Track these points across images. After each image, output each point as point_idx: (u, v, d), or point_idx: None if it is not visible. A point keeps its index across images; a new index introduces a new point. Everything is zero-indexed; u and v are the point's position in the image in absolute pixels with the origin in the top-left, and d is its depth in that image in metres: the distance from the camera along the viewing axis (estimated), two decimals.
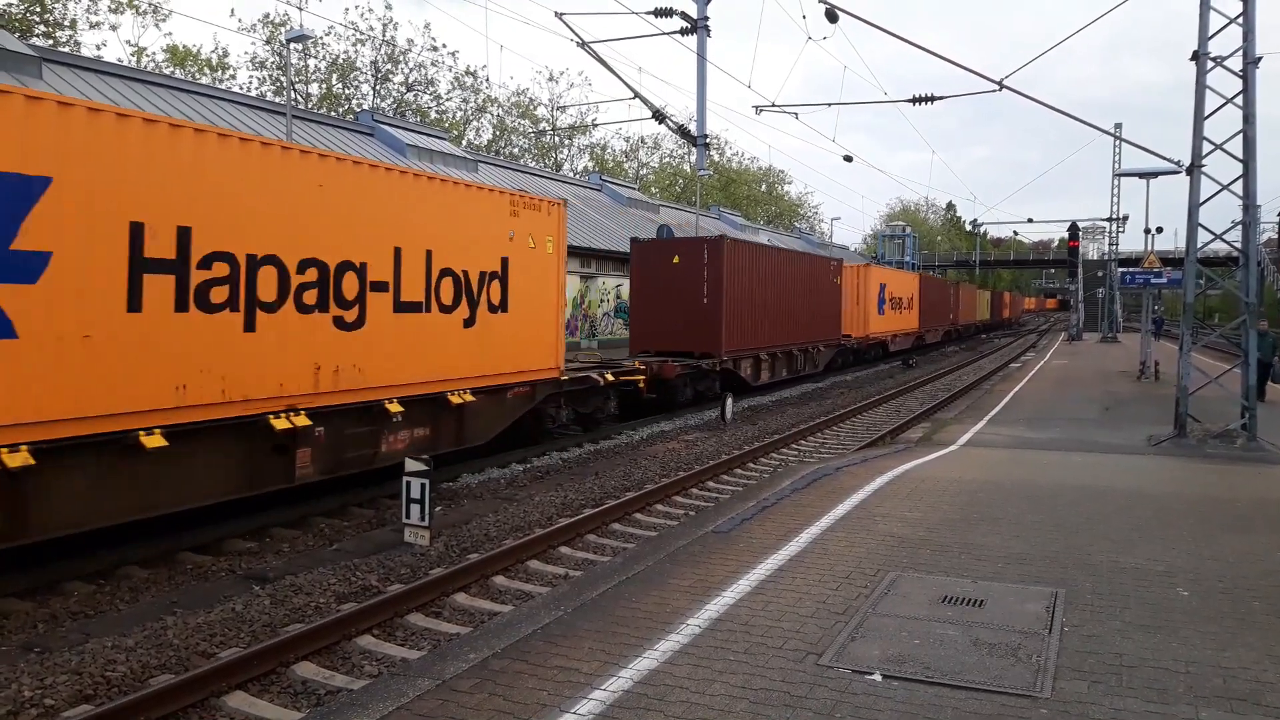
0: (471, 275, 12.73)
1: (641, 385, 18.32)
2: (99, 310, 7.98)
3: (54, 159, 7.61)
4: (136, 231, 8.26)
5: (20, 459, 7.30)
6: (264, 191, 9.59)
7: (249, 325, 9.42)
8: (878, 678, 5.18)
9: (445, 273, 12.22)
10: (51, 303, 7.60)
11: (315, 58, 47.69)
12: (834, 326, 31.03)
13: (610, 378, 17.02)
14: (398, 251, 11.41)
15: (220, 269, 9.09)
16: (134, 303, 8.26)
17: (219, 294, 9.09)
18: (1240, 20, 14.22)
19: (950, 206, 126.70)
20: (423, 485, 9.39)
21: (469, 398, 12.61)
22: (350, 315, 10.72)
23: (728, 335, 22.06)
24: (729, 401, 19.54)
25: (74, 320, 7.77)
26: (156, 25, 42.88)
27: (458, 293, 12.48)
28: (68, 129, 7.74)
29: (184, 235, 8.69)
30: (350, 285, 10.71)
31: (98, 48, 58.52)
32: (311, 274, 10.19)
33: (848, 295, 32.86)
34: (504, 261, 13.40)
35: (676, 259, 22.30)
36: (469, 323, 12.69)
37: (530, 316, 13.96)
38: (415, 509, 9.48)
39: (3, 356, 7.29)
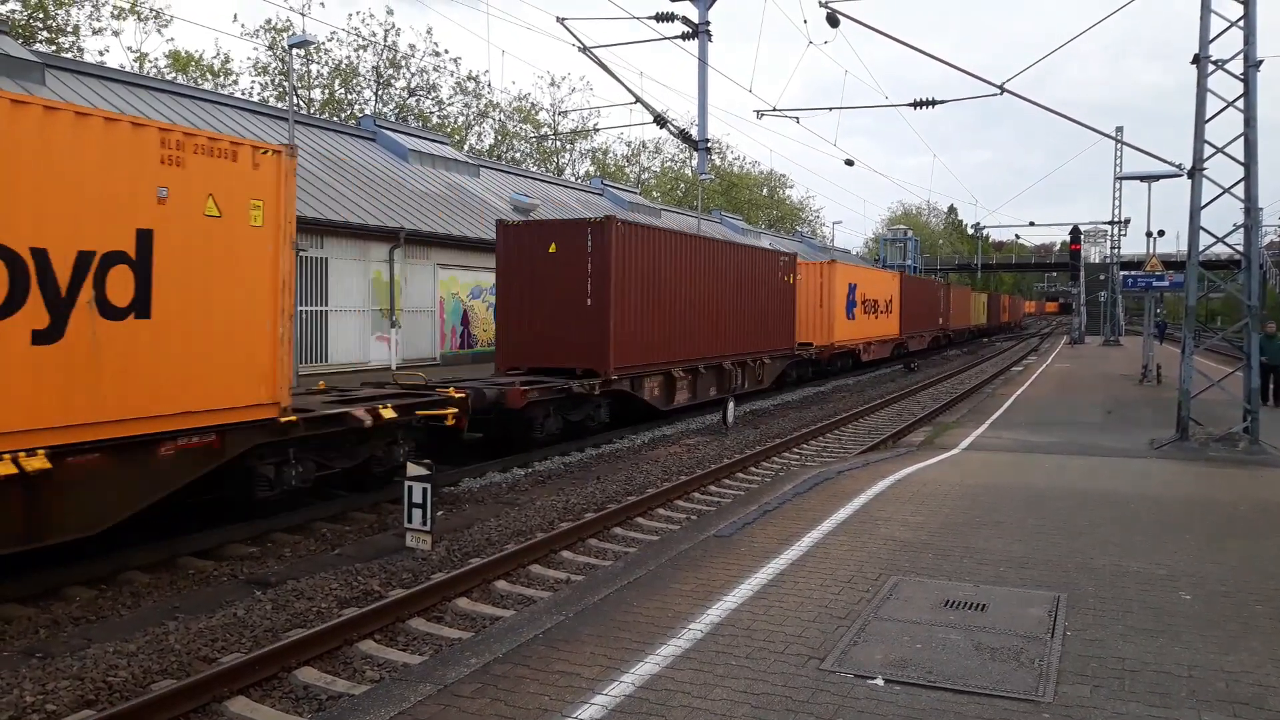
0: (59, 258, 7.82)
1: (451, 421, 12.65)
2: None
3: None
4: None
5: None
6: None
7: None
8: (880, 682, 5.18)
9: None
10: None
11: (317, 63, 47.83)
12: (786, 334, 26.16)
13: (387, 413, 11.30)
14: None
15: None
16: None
17: None
18: (1241, 23, 14.22)
19: (952, 210, 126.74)
20: (424, 490, 9.39)
21: (43, 464, 7.54)
22: None
23: (618, 347, 17.08)
24: (730, 406, 19.53)
25: None
26: (159, 31, 43.10)
27: (16, 287, 7.52)
28: None
29: None
30: None
31: (100, 54, 58.74)
32: None
33: (806, 297, 28.70)
34: (143, 237, 8.51)
35: (553, 247, 17.12)
36: (48, 336, 7.76)
37: (207, 325, 9.13)
38: (417, 514, 9.48)
39: None
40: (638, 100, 19.95)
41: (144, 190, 8.53)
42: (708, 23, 19.85)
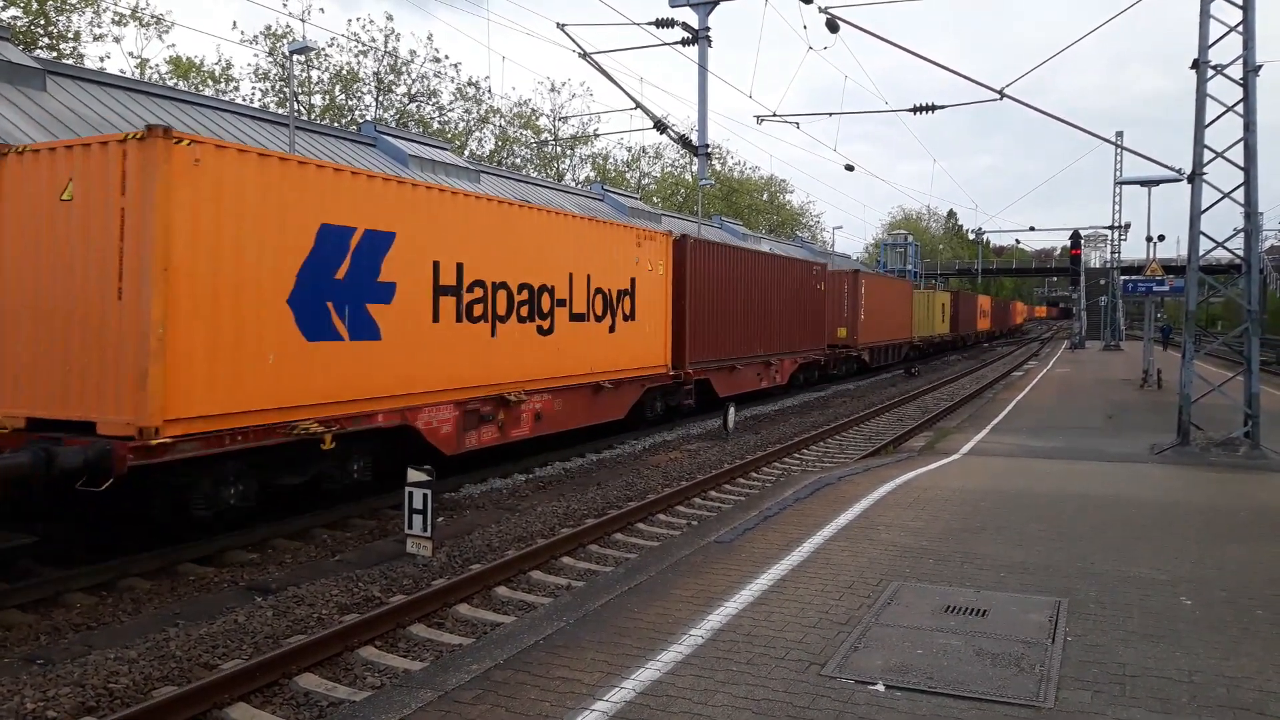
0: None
1: None
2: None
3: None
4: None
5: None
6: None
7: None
8: (881, 688, 5.17)
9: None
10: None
11: (318, 69, 47.93)
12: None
13: None
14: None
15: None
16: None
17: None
18: (1240, 28, 14.25)
19: (951, 215, 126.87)
20: (425, 496, 9.39)
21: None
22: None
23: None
24: (731, 411, 19.52)
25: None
26: (160, 37, 43.18)
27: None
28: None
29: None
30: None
31: (101, 60, 58.83)
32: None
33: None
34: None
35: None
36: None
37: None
38: (418, 520, 9.47)
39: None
40: (638, 106, 20.00)
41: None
42: (707, 29, 19.90)
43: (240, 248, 9.26)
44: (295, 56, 30.10)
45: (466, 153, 51.44)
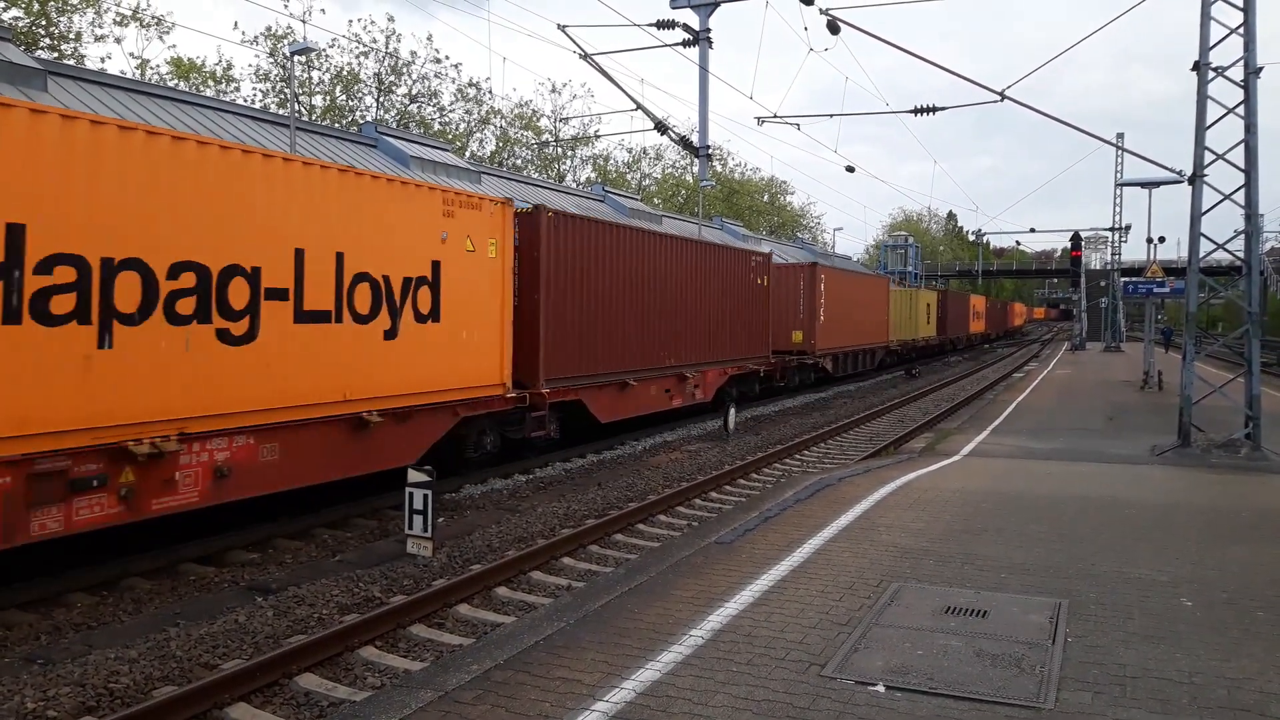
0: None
1: None
2: None
3: None
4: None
5: None
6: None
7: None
8: (881, 689, 5.17)
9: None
10: None
11: (319, 70, 47.95)
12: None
13: None
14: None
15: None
16: None
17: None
18: (1241, 30, 14.26)
19: (951, 216, 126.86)
20: (425, 496, 9.39)
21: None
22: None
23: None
24: (732, 412, 19.52)
25: None
26: (160, 38, 43.17)
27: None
28: None
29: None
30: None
31: (102, 60, 58.90)
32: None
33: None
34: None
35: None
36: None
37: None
38: (418, 520, 9.48)
39: None
40: (639, 107, 20.01)
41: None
42: (708, 30, 19.91)
43: None
44: (296, 57, 30.11)
45: (468, 154, 51.45)
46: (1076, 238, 49.62)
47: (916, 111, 18.88)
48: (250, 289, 9.44)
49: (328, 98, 48.90)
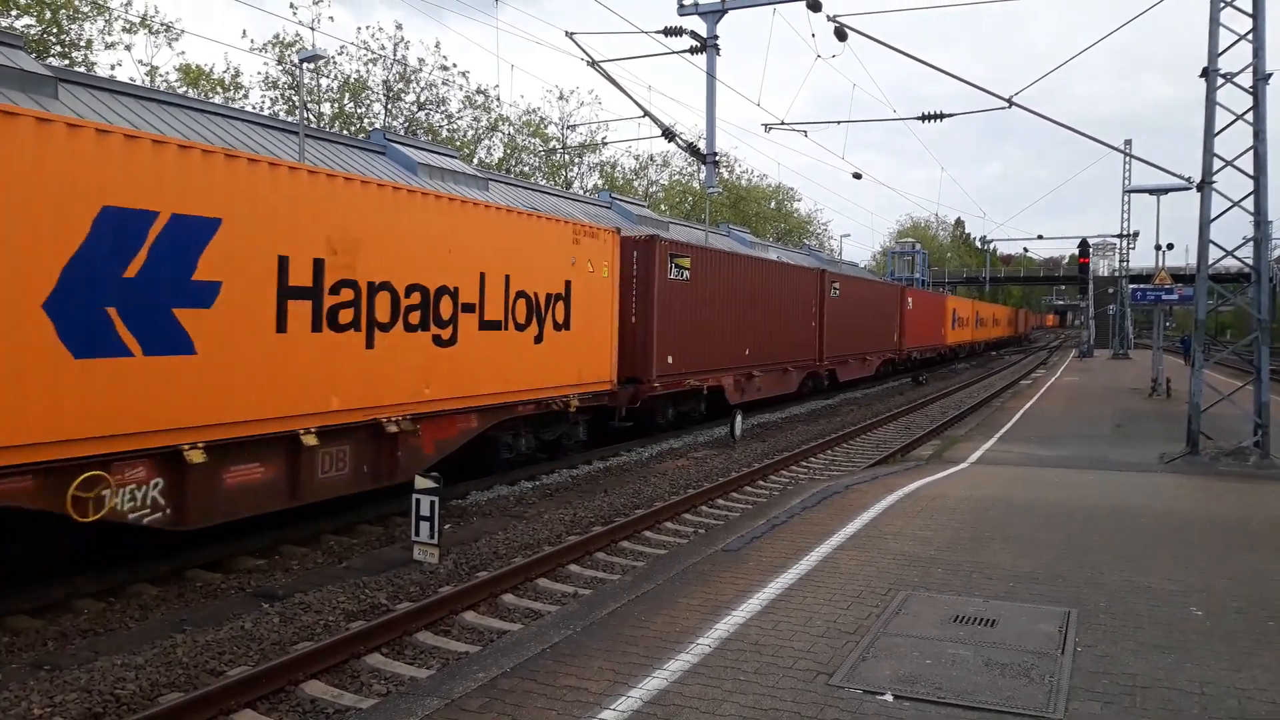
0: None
1: None
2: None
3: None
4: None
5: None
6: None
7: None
8: (889, 698, 5.15)
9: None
10: None
11: (327, 77, 48.14)
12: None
13: None
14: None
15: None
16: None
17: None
18: (1250, 37, 14.22)
19: (959, 223, 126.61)
20: (432, 503, 9.38)
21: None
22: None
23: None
24: (738, 419, 19.50)
25: None
26: (169, 45, 43.36)
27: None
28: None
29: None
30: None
31: (112, 68, 59.25)
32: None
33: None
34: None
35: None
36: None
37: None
38: (424, 526, 9.47)
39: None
40: (646, 114, 20.01)
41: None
42: (716, 37, 19.90)
43: None
44: (305, 65, 30.22)
45: (475, 161, 51.58)
46: (1084, 244, 49.52)
47: (924, 118, 18.85)
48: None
49: (336, 105, 49.08)
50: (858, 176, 32.04)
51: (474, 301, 12.37)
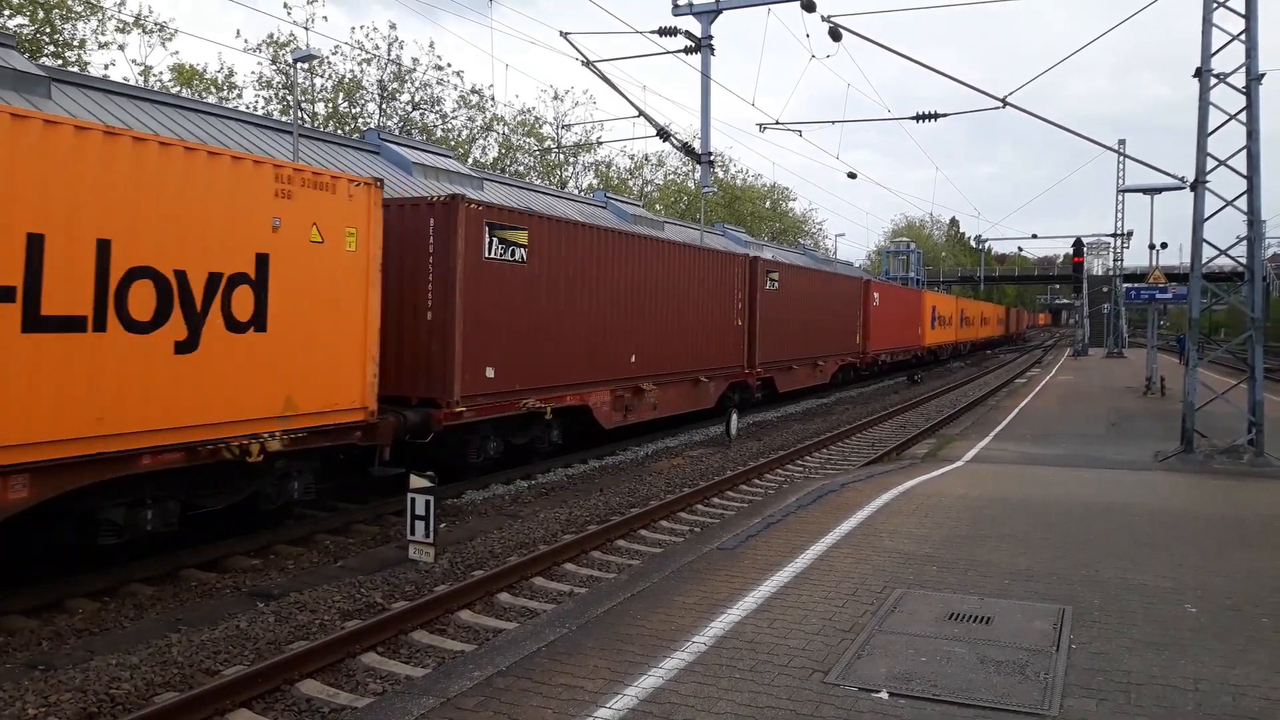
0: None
1: None
2: None
3: None
4: None
5: None
6: None
7: None
8: (884, 696, 5.16)
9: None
10: None
11: (321, 77, 48.05)
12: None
13: None
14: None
15: None
16: None
17: None
18: (1243, 37, 14.26)
19: (954, 223, 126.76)
20: (427, 502, 9.38)
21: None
22: None
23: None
24: (734, 417, 19.51)
25: None
26: (163, 45, 43.22)
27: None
28: None
29: None
30: None
31: (105, 67, 59.02)
32: None
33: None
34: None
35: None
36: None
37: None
38: (420, 525, 9.47)
39: None
40: (641, 114, 20.01)
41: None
42: (710, 37, 19.90)
43: None
44: (299, 65, 30.16)
45: (470, 160, 51.53)
46: (1079, 244, 49.58)
47: (919, 118, 18.87)
48: None
49: (330, 105, 48.98)
50: (853, 176, 32.07)
51: (13, 284, 7.38)
